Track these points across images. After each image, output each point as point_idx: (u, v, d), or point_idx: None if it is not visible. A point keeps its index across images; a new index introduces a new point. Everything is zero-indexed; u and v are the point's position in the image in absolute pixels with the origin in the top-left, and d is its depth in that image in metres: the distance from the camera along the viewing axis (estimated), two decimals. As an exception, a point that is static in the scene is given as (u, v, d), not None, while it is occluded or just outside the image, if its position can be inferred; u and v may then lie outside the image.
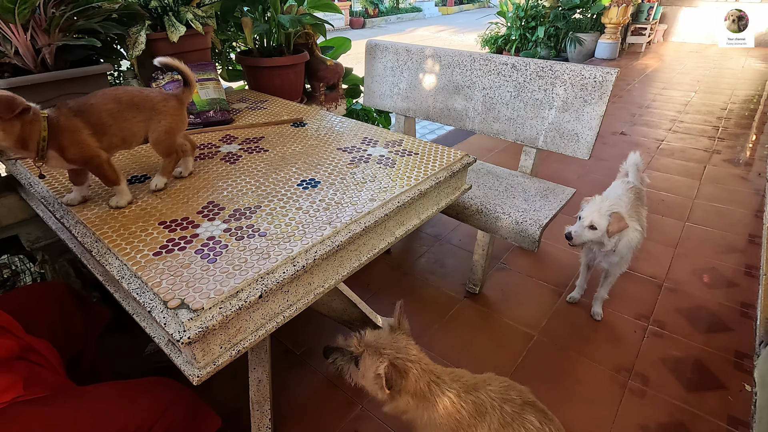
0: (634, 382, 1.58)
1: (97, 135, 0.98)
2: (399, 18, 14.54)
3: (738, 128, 4.04)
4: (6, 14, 1.16)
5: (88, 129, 0.97)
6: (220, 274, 0.85)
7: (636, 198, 1.81)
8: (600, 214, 1.55)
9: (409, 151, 1.41)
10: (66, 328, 1.23)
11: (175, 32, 1.53)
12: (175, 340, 0.74)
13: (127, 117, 1.03)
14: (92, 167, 1.02)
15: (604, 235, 1.56)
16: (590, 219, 1.55)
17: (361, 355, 1.01)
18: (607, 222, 1.54)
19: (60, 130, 0.94)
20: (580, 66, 1.76)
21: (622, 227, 1.53)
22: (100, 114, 0.99)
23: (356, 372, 1.03)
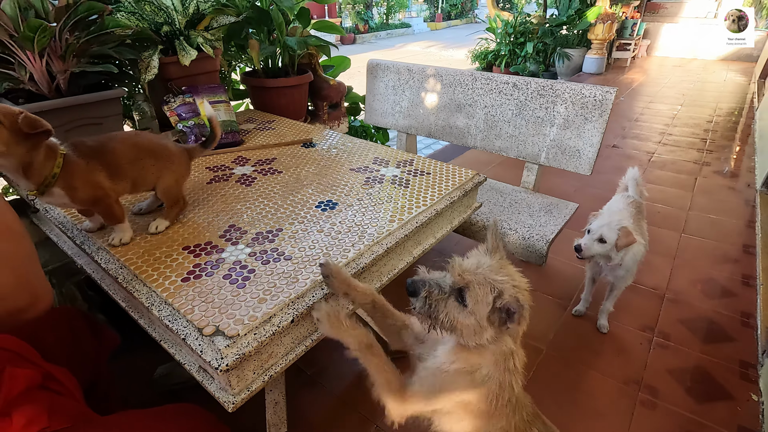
0: (644, 394, 1.60)
1: (112, 177, 0.99)
2: (389, 34, 14.78)
3: (725, 140, 4.17)
4: (25, 42, 1.17)
5: (105, 171, 0.97)
6: (251, 300, 0.86)
7: (637, 211, 1.86)
8: (609, 228, 1.59)
9: (421, 171, 1.43)
10: (80, 353, 1.21)
11: (187, 56, 1.55)
12: (213, 368, 0.74)
13: (144, 164, 1.04)
14: (100, 207, 1.00)
15: (612, 249, 1.60)
16: (600, 233, 1.59)
17: (467, 287, 0.79)
18: (616, 236, 1.58)
19: (75, 171, 0.92)
20: (580, 85, 1.82)
21: (631, 242, 1.57)
22: (119, 158, 1.00)
23: (459, 309, 0.80)
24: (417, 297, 0.82)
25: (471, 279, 0.79)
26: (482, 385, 0.83)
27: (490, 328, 0.79)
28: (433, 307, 0.81)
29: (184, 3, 1.59)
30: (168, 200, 1.11)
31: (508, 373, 0.84)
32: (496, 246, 0.85)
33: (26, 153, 0.85)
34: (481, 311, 0.78)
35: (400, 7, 16.54)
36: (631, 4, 7.77)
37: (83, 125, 1.36)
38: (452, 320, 0.80)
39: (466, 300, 0.79)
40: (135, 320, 1.00)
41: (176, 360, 0.90)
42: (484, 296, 0.77)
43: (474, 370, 0.83)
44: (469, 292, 0.78)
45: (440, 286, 0.82)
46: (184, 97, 1.58)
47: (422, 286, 0.83)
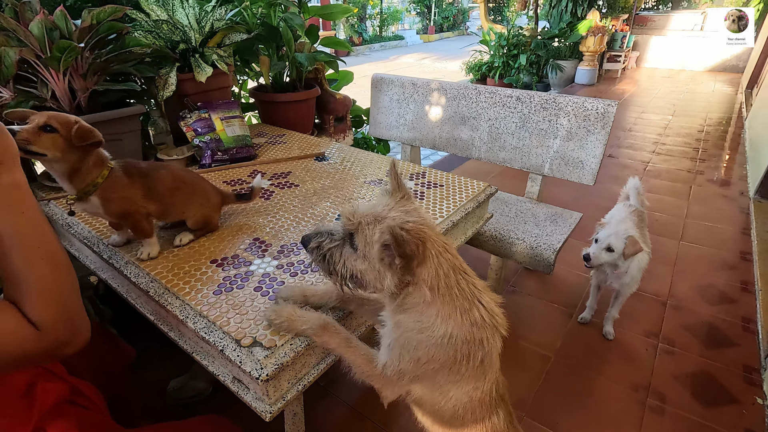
0: (653, 399, 1.64)
1: (147, 198, 1.03)
2: (382, 46, 14.97)
3: (717, 149, 4.28)
4: (52, 62, 1.20)
5: (142, 191, 1.02)
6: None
7: (639, 220, 1.92)
8: (617, 238, 1.64)
9: (434, 184, 1.47)
10: (103, 367, 1.23)
11: (202, 73, 1.59)
12: (253, 378, 0.76)
13: (180, 195, 1.10)
14: (129, 221, 1.03)
15: (619, 258, 1.64)
16: (608, 242, 1.64)
17: (357, 230, 0.72)
18: (623, 245, 1.63)
19: (115, 184, 0.97)
20: (582, 98, 1.88)
21: (638, 250, 1.62)
22: (161, 184, 1.06)
23: (353, 255, 0.73)
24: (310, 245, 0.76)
25: (360, 220, 0.72)
26: (444, 346, 0.73)
27: (388, 272, 0.71)
28: (327, 258, 0.75)
29: (199, 22, 1.63)
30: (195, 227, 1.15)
31: (475, 327, 0.74)
32: (396, 186, 0.78)
33: (78, 160, 0.90)
34: (372, 253, 0.71)
35: (393, 20, 16.78)
36: (620, 18, 7.98)
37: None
38: (351, 269, 0.74)
39: (355, 243, 0.72)
40: (165, 333, 1.01)
41: (210, 371, 0.92)
42: (372, 235, 0.70)
43: (420, 326, 0.74)
44: (358, 234, 0.72)
45: (332, 234, 0.76)
46: (200, 112, 1.61)
47: (313, 237, 0.76)
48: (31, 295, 0.68)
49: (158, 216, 1.09)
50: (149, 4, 1.58)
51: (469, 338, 0.73)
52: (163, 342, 1.85)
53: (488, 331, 0.75)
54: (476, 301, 0.74)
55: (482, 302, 0.75)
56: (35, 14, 1.24)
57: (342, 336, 0.83)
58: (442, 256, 0.72)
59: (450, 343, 0.73)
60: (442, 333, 0.73)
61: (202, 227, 1.15)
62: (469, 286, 0.74)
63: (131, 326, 1.77)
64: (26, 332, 0.66)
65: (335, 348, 0.82)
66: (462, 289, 0.73)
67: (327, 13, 2.24)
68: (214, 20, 1.66)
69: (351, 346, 0.82)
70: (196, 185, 1.13)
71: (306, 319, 0.82)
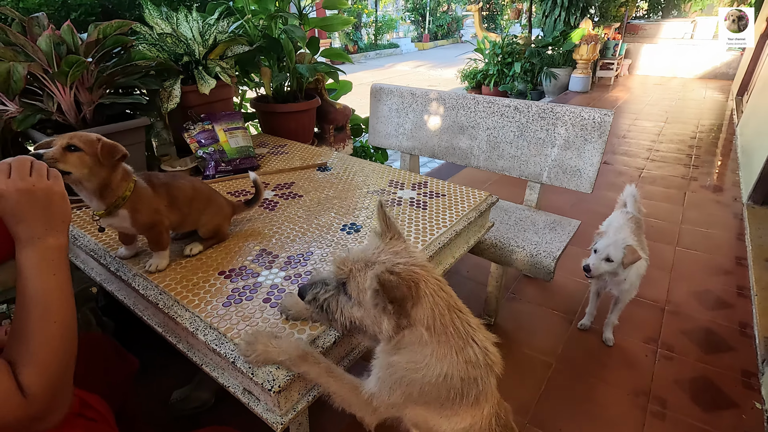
0: (654, 405, 1.65)
1: (170, 207, 1.06)
2: (377, 54, 15.09)
3: (709, 156, 4.35)
4: (60, 76, 1.21)
5: (166, 201, 1.05)
6: (294, 322, 0.89)
7: (636, 227, 1.95)
8: (616, 247, 1.67)
9: (436, 193, 1.49)
10: (110, 379, 1.23)
11: (206, 85, 1.60)
12: (266, 390, 0.77)
13: (197, 206, 1.13)
14: (154, 232, 1.05)
15: (619, 267, 1.67)
16: (607, 252, 1.67)
17: (348, 278, 0.73)
18: (622, 254, 1.66)
19: (143, 195, 1.00)
20: (579, 108, 1.92)
21: (636, 259, 1.65)
22: (180, 193, 1.09)
23: (348, 303, 0.74)
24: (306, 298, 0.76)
25: (351, 267, 0.73)
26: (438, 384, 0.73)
27: (383, 316, 0.70)
28: (325, 308, 0.75)
29: (203, 35, 1.65)
30: (207, 236, 1.17)
31: (470, 366, 0.73)
32: (386, 227, 0.77)
33: (107, 176, 0.93)
34: (365, 300, 0.71)
35: (388, 28, 16.95)
36: (612, 26, 8.11)
37: (109, 153, 1.39)
38: (349, 318, 0.74)
39: (349, 291, 0.73)
40: (173, 345, 1.02)
41: (220, 382, 0.92)
42: (363, 282, 0.71)
43: (414, 366, 0.73)
44: (350, 282, 0.72)
45: (326, 284, 0.76)
46: (203, 124, 1.62)
47: (309, 288, 0.76)
48: (33, 359, 0.68)
49: (176, 226, 1.11)
50: (154, 18, 1.60)
51: (463, 377, 0.73)
52: (164, 352, 1.85)
53: (483, 369, 0.75)
54: (471, 340, 0.74)
55: (476, 341, 0.75)
56: (43, 29, 1.26)
57: (323, 366, 0.80)
58: (437, 295, 0.72)
59: (444, 383, 0.73)
60: (438, 373, 0.72)
61: (213, 236, 1.17)
62: (463, 325, 0.74)
63: (132, 336, 1.77)
64: (14, 399, 0.65)
65: (315, 378, 0.80)
66: (457, 327, 0.73)
67: (326, 25, 2.27)
68: (217, 33, 1.68)
69: (333, 375, 0.80)
70: (211, 196, 1.17)
71: (283, 349, 0.78)
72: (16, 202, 0.69)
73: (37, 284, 0.70)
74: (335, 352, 0.94)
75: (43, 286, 0.70)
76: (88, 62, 1.22)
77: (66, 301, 0.72)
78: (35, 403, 0.66)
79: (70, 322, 0.73)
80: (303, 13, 2.13)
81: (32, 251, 0.70)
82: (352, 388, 0.80)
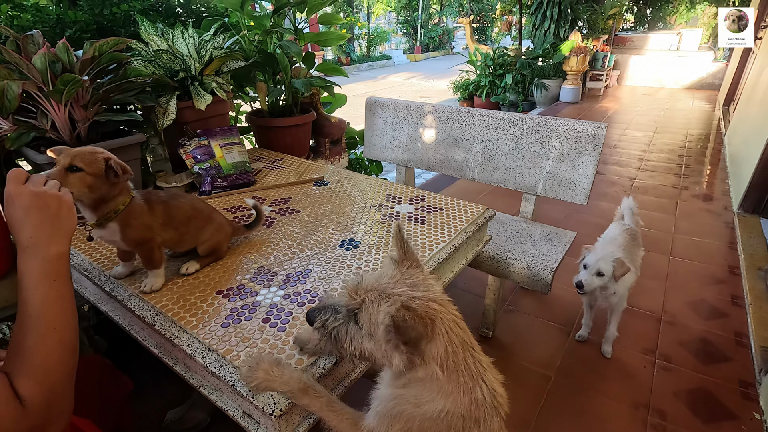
0: (653, 417, 1.65)
1: (165, 226, 1.05)
2: (370, 65, 15.22)
3: (699, 165, 4.41)
4: (55, 94, 1.20)
5: (161, 219, 1.04)
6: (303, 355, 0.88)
7: (631, 239, 1.96)
8: (606, 261, 1.68)
9: (434, 207, 1.49)
10: (104, 401, 1.20)
11: (202, 100, 1.60)
12: (267, 414, 0.76)
13: (196, 224, 1.12)
14: (144, 249, 1.03)
15: (610, 280, 1.69)
16: (597, 267, 1.69)
17: (361, 307, 0.69)
18: (612, 268, 1.67)
19: (135, 211, 0.99)
20: (573, 121, 1.94)
21: (626, 271, 1.68)
22: (178, 211, 1.08)
23: (359, 333, 0.70)
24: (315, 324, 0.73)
25: (365, 297, 0.69)
26: (439, 421, 0.70)
27: (395, 352, 0.67)
28: (334, 336, 0.72)
29: (199, 51, 1.65)
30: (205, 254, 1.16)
31: (474, 406, 0.71)
32: (403, 254, 0.73)
33: (107, 192, 0.93)
34: (377, 333, 0.67)
35: (380, 40, 17.13)
36: (601, 38, 8.27)
37: (103, 171, 1.38)
38: (359, 348, 0.70)
39: (360, 321, 0.69)
40: (170, 366, 1.00)
41: (218, 406, 0.90)
42: (376, 315, 0.67)
43: (418, 401, 0.71)
44: (362, 312, 0.69)
45: (336, 311, 0.72)
46: (199, 139, 1.62)
47: (317, 314, 0.73)
48: (31, 369, 0.67)
49: (173, 245, 1.11)
50: (149, 34, 1.60)
51: (465, 416, 0.70)
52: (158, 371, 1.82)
53: (487, 411, 0.72)
54: (480, 380, 0.71)
55: (485, 381, 0.72)
56: (38, 47, 1.25)
57: (324, 399, 0.79)
58: (453, 331, 0.69)
59: (445, 420, 0.70)
60: (440, 409, 0.70)
61: (211, 253, 1.16)
62: (475, 364, 0.72)
63: (125, 355, 1.73)
64: (11, 409, 0.63)
65: (317, 411, 0.79)
66: (468, 366, 0.71)
67: (321, 40, 2.28)
68: (213, 49, 1.68)
69: (334, 409, 0.79)
70: (211, 214, 1.17)
71: (285, 380, 0.77)
72: (28, 206, 0.71)
73: (37, 292, 0.69)
74: (336, 373, 0.92)
75: (44, 294, 0.70)
76: (83, 80, 1.21)
77: (66, 310, 0.72)
78: (33, 413, 0.65)
79: (70, 331, 0.73)
80: (298, 28, 2.14)
81: (34, 259, 0.70)
82: (351, 423, 0.79)
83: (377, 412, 0.76)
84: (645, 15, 11.68)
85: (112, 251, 1.21)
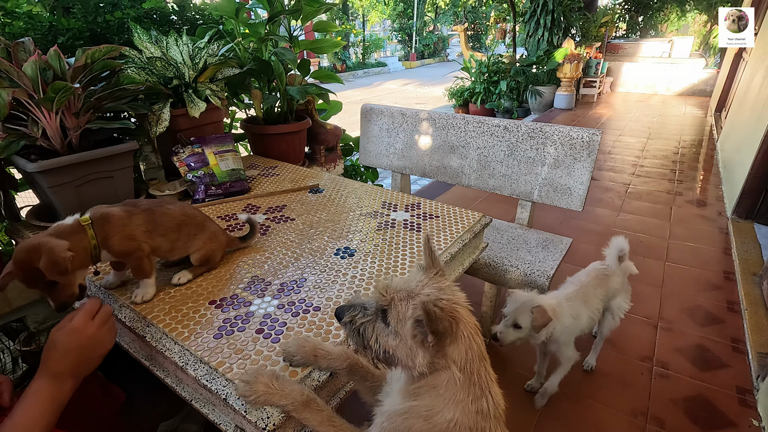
0: (652, 425, 1.64)
1: (151, 233, 1.03)
2: (365, 72, 15.30)
3: (692, 171, 4.45)
4: (46, 102, 1.19)
5: (145, 226, 1.02)
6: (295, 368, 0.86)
7: (598, 282, 1.72)
8: (521, 312, 1.51)
9: (430, 215, 1.49)
10: (94, 415, 1.18)
11: (195, 108, 1.59)
12: (260, 429, 0.74)
13: (187, 231, 1.10)
14: (132, 259, 1.02)
15: (531, 332, 1.52)
16: (513, 318, 1.53)
17: (390, 306, 0.72)
18: (530, 318, 1.49)
19: (112, 225, 0.97)
20: (568, 128, 1.94)
21: (546, 321, 1.48)
22: (167, 218, 1.06)
23: (385, 331, 0.73)
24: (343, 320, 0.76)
25: (394, 296, 0.72)
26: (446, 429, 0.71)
27: (420, 349, 0.69)
28: (361, 333, 0.74)
29: (193, 58, 1.64)
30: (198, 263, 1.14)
31: (480, 416, 0.71)
32: (431, 262, 0.77)
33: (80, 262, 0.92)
34: (404, 330, 0.70)
35: (375, 47, 17.23)
36: (594, 46, 8.36)
37: (95, 179, 1.36)
38: (384, 346, 0.72)
39: (388, 319, 0.72)
40: (161, 379, 0.98)
41: (210, 419, 0.88)
42: (405, 311, 0.70)
43: (429, 413, 0.72)
44: (391, 310, 0.72)
45: (365, 309, 0.75)
46: (193, 147, 1.60)
47: (347, 310, 0.76)
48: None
49: (164, 253, 1.08)
50: (143, 41, 1.59)
51: (472, 426, 0.71)
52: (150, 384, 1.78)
53: (492, 422, 0.72)
54: (488, 392, 0.72)
55: (492, 393, 0.73)
56: (29, 54, 1.23)
57: (325, 414, 0.78)
58: (473, 339, 0.71)
59: (453, 430, 0.70)
60: (449, 418, 0.70)
61: (204, 262, 1.13)
62: (486, 375, 0.73)
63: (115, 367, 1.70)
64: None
65: (315, 426, 0.78)
66: (480, 377, 0.72)
67: (317, 48, 2.28)
68: (207, 56, 1.68)
69: (334, 424, 0.78)
70: (204, 222, 1.14)
71: (286, 393, 0.76)
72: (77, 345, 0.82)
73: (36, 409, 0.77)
74: (331, 385, 0.91)
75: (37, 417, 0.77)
76: (75, 88, 1.20)
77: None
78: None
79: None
80: (293, 35, 2.14)
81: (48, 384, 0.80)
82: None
83: (382, 428, 0.75)
84: (637, 23, 11.83)
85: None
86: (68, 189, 1.32)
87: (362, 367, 0.88)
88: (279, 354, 0.87)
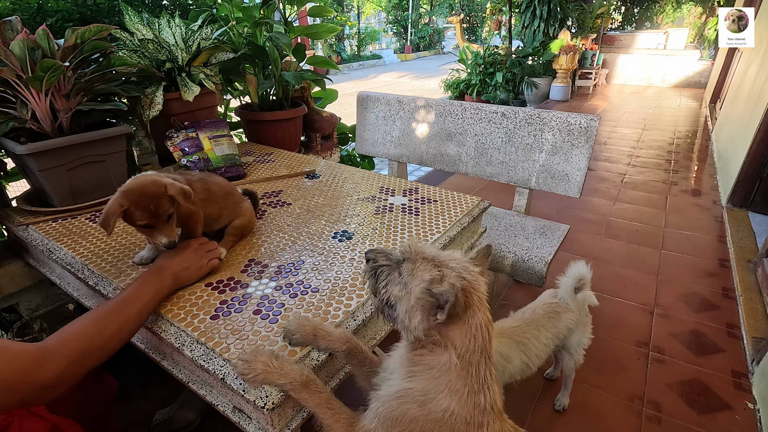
0: (649, 409, 1.65)
1: (206, 201, 1.10)
2: (361, 65, 15.19)
3: (687, 161, 4.46)
4: (34, 82, 1.16)
5: (202, 194, 1.09)
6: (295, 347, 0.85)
7: (546, 321, 1.46)
8: None
9: (428, 199, 1.47)
10: (87, 402, 1.16)
11: (189, 92, 1.56)
12: (258, 407, 0.73)
13: (232, 200, 1.18)
14: (189, 224, 1.07)
15: None
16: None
17: (409, 258, 0.72)
18: None
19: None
20: (565, 114, 1.93)
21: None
22: (218, 187, 1.15)
23: (395, 280, 0.72)
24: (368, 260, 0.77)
25: (419, 254, 0.73)
26: (442, 423, 0.69)
27: (419, 313, 0.69)
28: (377, 276, 0.75)
29: (186, 41, 1.61)
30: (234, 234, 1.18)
31: (477, 410, 0.70)
32: (479, 262, 0.76)
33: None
34: (413, 286, 0.69)
35: (370, 40, 17.11)
36: (589, 37, 8.34)
37: (87, 163, 1.33)
38: (390, 293, 0.73)
39: (402, 270, 0.72)
40: (157, 362, 0.96)
41: (208, 400, 0.87)
42: (422, 272, 0.70)
43: (425, 398, 0.70)
44: (407, 263, 0.72)
45: (389, 256, 0.76)
46: (187, 132, 1.58)
47: (374, 252, 0.78)
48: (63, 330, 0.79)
49: (213, 220, 1.14)
50: (134, 23, 1.55)
51: (469, 420, 0.69)
52: (146, 372, 1.77)
53: (490, 416, 0.71)
54: (486, 387, 0.71)
55: (490, 390, 0.72)
56: (16, 33, 1.20)
57: (323, 396, 0.77)
58: (479, 331, 0.70)
59: (448, 421, 0.69)
60: (444, 408, 0.69)
61: (242, 233, 1.20)
62: (485, 372, 0.71)
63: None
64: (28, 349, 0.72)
65: (313, 407, 0.76)
66: (479, 371, 0.70)
67: (312, 33, 2.25)
68: (201, 40, 1.64)
69: (332, 407, 0.77)
70: (232, 190, 1.21)
71: (285, 372, 0.75)
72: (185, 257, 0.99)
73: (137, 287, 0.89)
74: (330, 366, 0.90)
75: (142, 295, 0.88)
76: (64, 67, 1.17)
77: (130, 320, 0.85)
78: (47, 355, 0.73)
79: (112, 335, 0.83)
80: (288, 20, 2.10)
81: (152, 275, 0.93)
82: (347, 423, 0.76)
83: (377, 413, 0.74)
84: (632, 14, 11.82)
85: (96, 244, 1.17)
86: (59, 173, 1.29)
87: (361, 352, 0.88)
88: (279, 333, 0.85)
